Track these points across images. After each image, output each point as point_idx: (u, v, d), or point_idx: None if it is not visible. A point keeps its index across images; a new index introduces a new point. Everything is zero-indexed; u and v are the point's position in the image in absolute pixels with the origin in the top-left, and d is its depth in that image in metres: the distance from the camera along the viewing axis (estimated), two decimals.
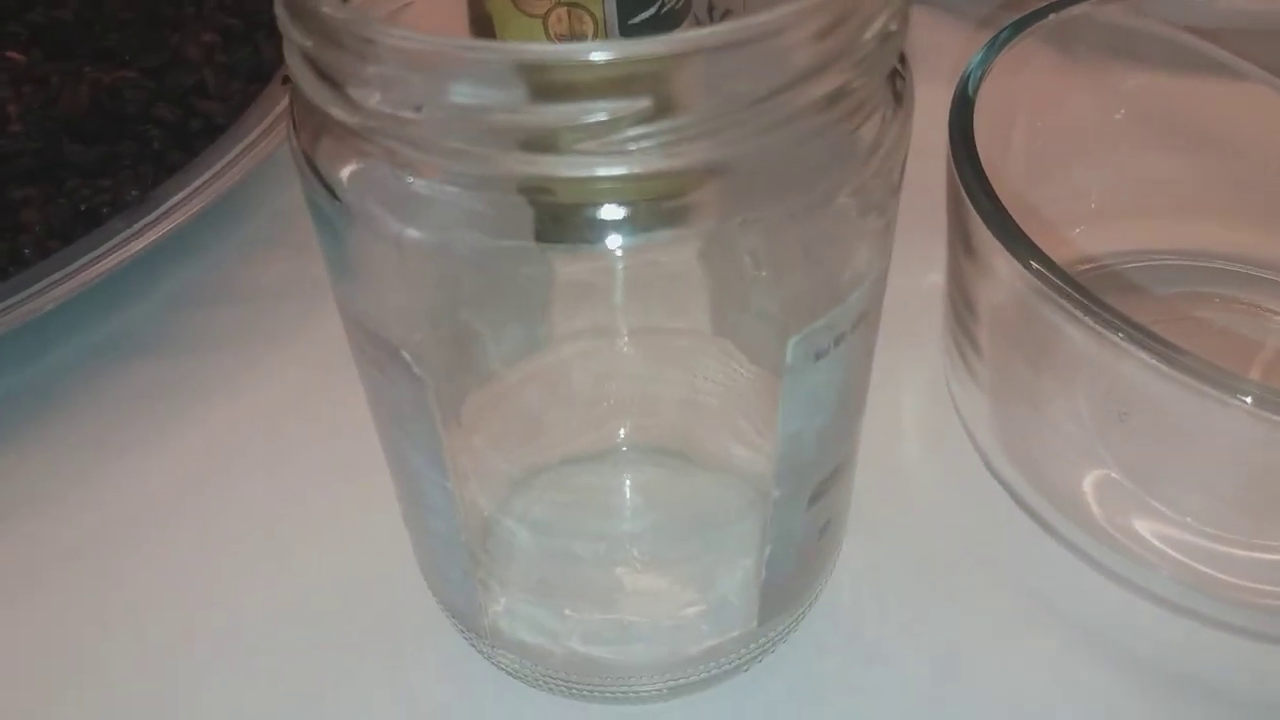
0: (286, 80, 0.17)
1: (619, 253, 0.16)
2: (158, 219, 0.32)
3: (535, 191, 0.16)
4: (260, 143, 0.34)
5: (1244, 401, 0.21)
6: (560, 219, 0.16)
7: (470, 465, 0.24)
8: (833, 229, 0.18)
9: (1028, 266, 0.24)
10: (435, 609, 0.25)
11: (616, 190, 0.15)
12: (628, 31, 0.24)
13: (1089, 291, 0.23)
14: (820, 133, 0.16)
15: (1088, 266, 0.34)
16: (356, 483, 0.28)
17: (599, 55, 0.14)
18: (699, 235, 0.16)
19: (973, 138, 0.27)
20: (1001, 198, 0.25)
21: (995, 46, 0.29)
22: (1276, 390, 0.21)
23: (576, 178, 0.15)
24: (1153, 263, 0.34)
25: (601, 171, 0.15)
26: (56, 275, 0.30)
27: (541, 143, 0.15)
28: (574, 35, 0.25)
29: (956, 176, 0.26)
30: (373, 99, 0.15)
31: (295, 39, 0.16)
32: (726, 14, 0.26)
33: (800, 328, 0.18)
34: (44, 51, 0.39)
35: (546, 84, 0.14)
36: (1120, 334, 0.22)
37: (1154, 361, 0.22)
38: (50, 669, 0.26)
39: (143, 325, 0.34)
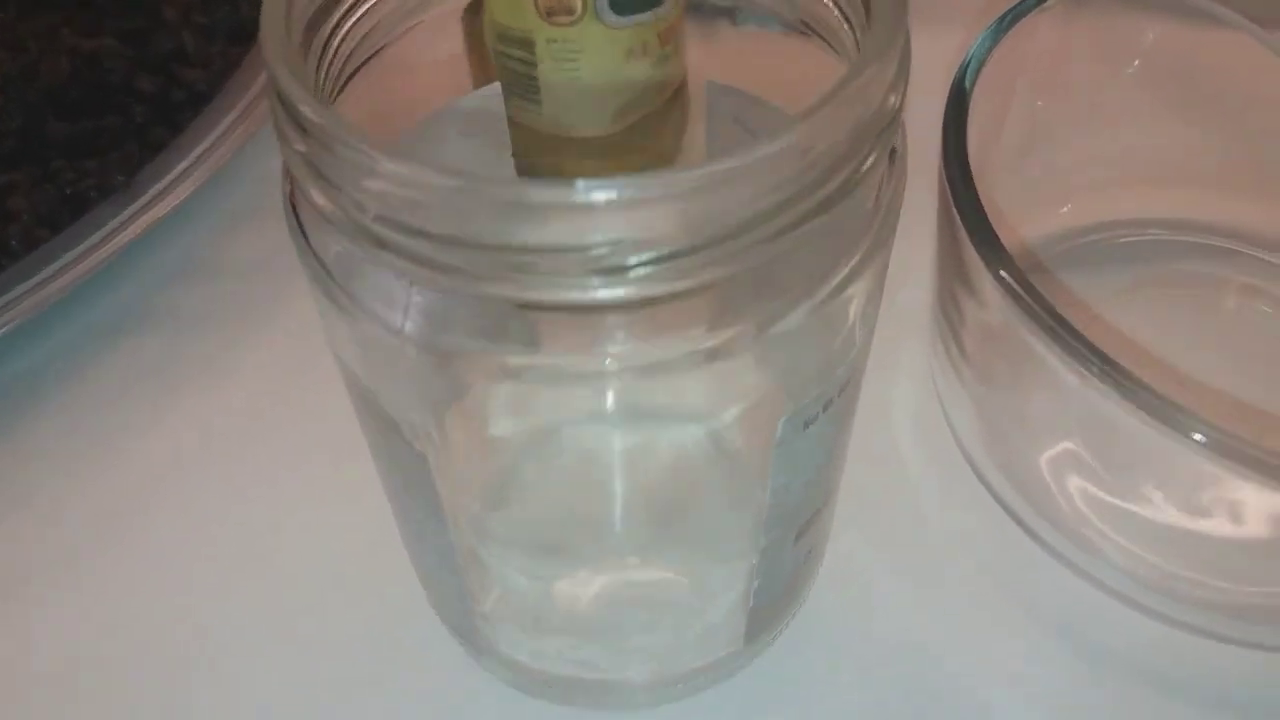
0: None
1: (622, 363, 0.16)
2: (145, 205, 0.31)
3: (534, 306, 0.16)
4: (241, 122, 0.33)
5: (1197, 440, 0.21)
6: (559, 327, 0.16)
7: (462, 511, 0.24)
8: (831, 303, 0.18)
9: (998, 278, 0.24)
10: (427, 608, 0.26)
11: (621, 306, 0.16)
12: (617, 7, 0.24)
13: (1066, 321, 0.23)
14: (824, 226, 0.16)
15: (1085, 239, 0.34)
16: (349, 468, 0.27)
17: (600, 196, 0.14)
18: (704, 339, 0.16)
19: (965, 141, 0.26)
20: (998, 168, 0.24)
21: (1000, 29, 0.29)
22: (1226, 431, 0.21)
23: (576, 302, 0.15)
24: (1148, 236, 0.34)
25: (602, 295, 0.15)
26: (47, 271, 0.29)
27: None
28: (562, 10, 0.24)
29: (948, 188, 0.26)
30: (369, 215, 0.15)
31: (291, 142, 0.16)
32: None
33: (791, 405, 0.18)
34: (19, 8, 0.38)
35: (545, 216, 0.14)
36: (1093, 368, 0.22)
37: (1114, 394, 0.22)
38: (32, 662, 0.26)
39: (129, 306, 0.33)
